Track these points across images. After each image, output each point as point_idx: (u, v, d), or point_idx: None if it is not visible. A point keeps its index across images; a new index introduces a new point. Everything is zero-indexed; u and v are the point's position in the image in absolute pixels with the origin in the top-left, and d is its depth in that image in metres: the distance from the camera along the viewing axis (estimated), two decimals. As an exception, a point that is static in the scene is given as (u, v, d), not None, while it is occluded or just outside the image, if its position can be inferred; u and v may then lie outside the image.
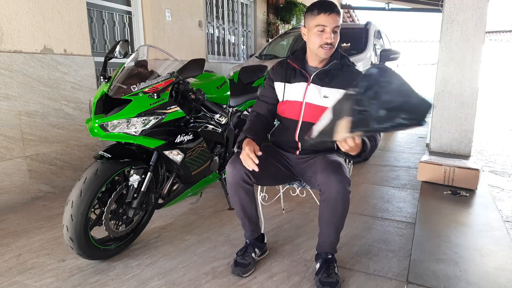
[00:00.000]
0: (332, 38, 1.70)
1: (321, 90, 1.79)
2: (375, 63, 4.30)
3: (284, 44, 5.24)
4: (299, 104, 1.83)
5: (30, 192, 2.94)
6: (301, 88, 1.82)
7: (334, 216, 1.69)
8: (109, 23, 3.82)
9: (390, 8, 10.37)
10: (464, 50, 2.98)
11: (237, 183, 1.73)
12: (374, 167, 3.81)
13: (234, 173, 1.72)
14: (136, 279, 1.83)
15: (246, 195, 1.78)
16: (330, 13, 1.67)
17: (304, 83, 1.82)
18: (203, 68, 2.04)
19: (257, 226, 1.94)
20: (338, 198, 1.63)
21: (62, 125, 3.15)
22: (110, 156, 1.85)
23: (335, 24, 1.69)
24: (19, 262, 2.01)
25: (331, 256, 1.79)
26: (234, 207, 1.85)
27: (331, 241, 1.77)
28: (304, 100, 1.81)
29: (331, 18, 1.68)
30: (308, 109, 1.81)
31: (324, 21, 1.68)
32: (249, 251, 1.90)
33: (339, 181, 1.60)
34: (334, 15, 1.68)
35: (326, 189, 1.64)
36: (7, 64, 2.71)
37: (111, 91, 1.92)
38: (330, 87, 1.79)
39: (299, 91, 1.83)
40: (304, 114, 1.82)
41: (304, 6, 7.71)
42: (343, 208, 1.67)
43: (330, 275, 1.71)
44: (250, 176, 1.72)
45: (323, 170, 1.65)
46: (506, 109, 9.60)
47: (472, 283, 1.42)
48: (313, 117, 1.80)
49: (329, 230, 1.74)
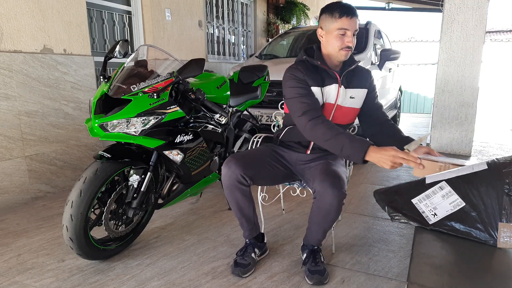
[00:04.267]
0: (351, 41, 1.70)
1: (347, 92, 1.80)
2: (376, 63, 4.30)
3: (284, 44, 5.23)
4: (331, 106, 1.80)
5: (30, 192, 2.94)
6: (333, 90, 1.78)
7: (324, 221, 1.73)
8: (109, 23, 3.82)
9: (390, 8, 10.37)
10: (464, 50, 2.97)
11: (232, 185, 1.73)
12: (374, 167, 3.80)
13: (229, 174, 1.71)
14: (136, 279, 1.83)
15: (242, 196, 1.77)
16: (352, 16, 1.67)
17: (335, 85, 1.77)
18: (203, 68, 2.03)
19: (255, 225, 1.93)
20: (331, 209, 1.66)
21: (62, 125, 3.14)
22: (110, 156, 1.85)
23: (356, 27, 1.69)
24: (19, 262, 2.01)
25: (317, 247, 1.85)
26: (231, 207, 1.86)
27: (317, 238, 1.83)
28: (337, 102, 1.80)
29: (353, 22, 1.67)
30: (338, 111, 1.81)
31: (347, 24, 1.66)
32: (249, 251, 1.90)
33: (335, 195, 1.61)
34: (355, 18, 1.68)
35: (320, 198, 1.66)
36: (7, 64, 2.71)
37: (110, 91, 1.92)
38: (354, 88, 1.81)
39: (332, 94, 1.78)
40: (334, 116, 1.82)
41: (304, 6, 7.70)
42: (334, 216, 1.70)
43: (318, 264, 1.79)
44: (246, 178, 1.72)
45: (321, 180, 1.64)
46: (507, 109, 9.59)
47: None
48: (341, 118, 1.83)
49: (318, 230, 1.79)
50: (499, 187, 1.52)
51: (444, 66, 3.05)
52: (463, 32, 2.96)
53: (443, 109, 3.10)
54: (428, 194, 1.65)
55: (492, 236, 1.51)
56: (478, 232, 1.54)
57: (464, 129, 3.07)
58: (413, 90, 10.56)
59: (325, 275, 1.76)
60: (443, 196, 1.62)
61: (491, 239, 1.51)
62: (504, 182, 1.51)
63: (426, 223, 1.66)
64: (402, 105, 9.36)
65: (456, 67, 3.02)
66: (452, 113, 3.08)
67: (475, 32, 2.92)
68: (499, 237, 1.49)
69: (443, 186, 1.62)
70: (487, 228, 1.52)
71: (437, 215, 1.62)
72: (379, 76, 4.33)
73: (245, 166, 1.71)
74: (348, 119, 1.86)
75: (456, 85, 3.03)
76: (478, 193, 1.55)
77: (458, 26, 2.96)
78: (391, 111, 5.52)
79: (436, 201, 1.63)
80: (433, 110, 3.16)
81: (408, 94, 10.57)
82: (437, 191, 1.63)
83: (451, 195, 1.61)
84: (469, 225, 1.56)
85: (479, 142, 5.42)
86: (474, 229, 1.55)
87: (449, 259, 1.49)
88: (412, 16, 30.59)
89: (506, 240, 1.48)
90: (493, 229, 1.51)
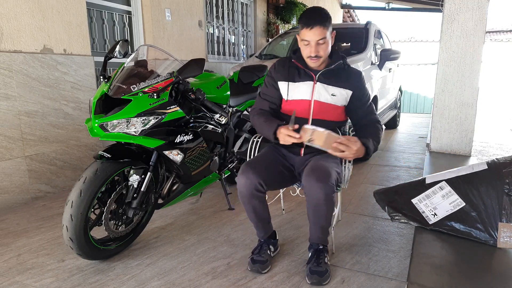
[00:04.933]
0: (317, 51, 1.73)
1: (328, 89, 1.82)
2: (376, 63, 4.30)
3: (284, 44, 5.23)
4: (307, 103, 1.84)
5: (30, 192, 2.94)
6: (308, 86, 1.84)
7: (317, 217, 1.74)
8: (109, 23, 3.81)
9: (390, 8, 10.37)
10: (464, 50, 2.97)
11: (251, 193, 1.75)
12: (374, 167, 3.80)
13: (247, 184, 1.73)
14: (136, 279, 1.83)
15: (259, 202, 1.81)
16: (312, 27, 1.69)
17: (310, 82, 1.84)
18: (203, 68, 2.04)
19: (269, 224, 1.97)
20: (320, 203, 1.67)
21: (62, 125, 3.14)
22: (110, 156, 1.85)
23: (319, 37, 1.70)
24: (19, 262, 2.01)
25: (322, 246, 1.85)
26: (247, 214, 1.87)
27: (317, 236, 1.84)
28: (313, 98, 1.83)
29: (312, 33, 1.69)
30: (318, 107, 1.84)
31: (307, 36, 1.71)
32: (265, 249, 1.93)
33: (320, 188, 1.63)
34: (317, 28, 1.69)
35: (308, 193, 1.69)
36: (7, 64, 2.71)
37: (110, 91, 1.92)
38: (336, 86, 1.83)
39: (306, 90, 1.84)
40: (314, 112, 1.84)
41: (304, 6, 7.71)
42: (326, 210, 1.71)
43: (320, 264, 1.78)
44: (263, 185, 1.75)
45: (307, 175, 1.68)
46: (507, 109, 9.59)
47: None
48: (324, 114, 1.85)
49: (315, 227, 1.81)
50: (499, 187, 1.52)
51: (444, 66, 3.05)
52: (463, 32, 2.95)
53: (443, 109, 3.10)
54: (428, 194, 1.65)
55: (492, 236, 1.51)
56: (478, 232, 1.54)
57: (464, 129, 3.06)
58: (413, 90, 10.57)
59: (325, 277, 1.75)
60: (443, 196, 1.62)
61: (491, 239, 1.51)
62: (504, 182, 1.51)
63: (426, 223, 1.66)
64: (402, 105, 9.35)
65: (456, 67, 3.01)
66: (452, 113, 3.07)
67: (475, 32, 2.92)
68: (499, 237, 1.49)
69: (443, 186, 1.62)
70: (487, 228, 1.52)
71: (437, 215, 1.62)
72: (379, 76, 4.33)
73: (261, 174, 1.74)
74: (332, 116, 1.87)
75: (456, 85, 3.03)
76: (478, 193, 1.55)
77: (458, 26, 2.96)
78: (391, 111, 5.52)
79: (436, 201, 1.63)
80: (433, 110, 3.16)
81: (408, 94, 10.57)
82: (437, 191, 1.63)
83: (451, 195, 1.61)
84: (469, 225, 1.56)
85: (479, 142, 5.41)
86: (474, 229, 1.55)
87: (449, 259, 1.49)
88: (412, 16, 30.60)
89: (506, 240, 1.48)
90: (493, 229, 1.51)
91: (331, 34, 1.77)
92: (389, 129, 6.17)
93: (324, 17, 1.71)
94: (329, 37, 1.76)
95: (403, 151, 4.53)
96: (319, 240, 1.84)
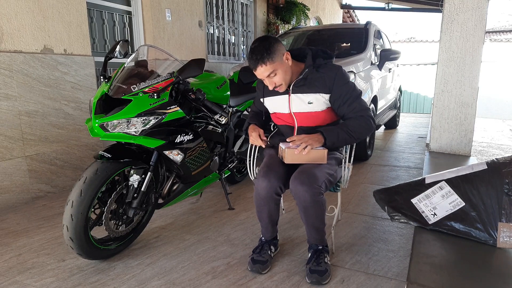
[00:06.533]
0: (273, 83, 1.76)
1: (304, 97, 1.82)
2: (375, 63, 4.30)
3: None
4: (287, 115, 1.89)
5: (30, 192, 2.94)
6: (284, 100, 1.87)
7: (308, 218, 1.75)
8: (109, 23, 3.82)
9: (390, 8, 10.36)
10: (464, 50, 2.97)
11: (270, 196, 1.76)
12: (374, 167, 3.81)
13: (268, 187, 1.74)
14: (136, 279, 1.83)
15: (275, 205, 1.83)
16: (255, 68, 1.72)
17: (285, 95, 1.86)
18: (203, 68, 2.04)
19: (276, 226, 1.99)
20: (307, 206, 1.69)
21: (62, 125, 3.15)
22: (110, 156, 1.85)
23: (266, 74, 1.72)
24: (19, 262, 2.01)
25: (322, 247, 1.86)
26: (258, 215, 1.89)
27: (314, 237, 1.85)
28: (291, 110, 1.86)
29: (258, 73, 1.74)
30: (299, 117, 1.87)
31: (257, 75, 1.76)
32: (266, 249, 1.94)
33: (305, 191, 1.65)
34: (259, 68, 1.70)
35: (295, 196, 1.71)
36: (7, 64, 2.71)
37: (111, 91, 1.92)
38: (312, 93, 1.81)
39: (283, 104, 1.88)
40: (298, 121, 1.87)
41: (304, 6, 7.71)
42: (315, 212, 1.72)
43: (320, 264, 1.79)
44: (283, 188, 1.77)
45: (293, 179, 1.71)
46: (507, 109, 9.60)
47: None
48: (308, 121, 1.87)
49: (310, 229, 1.82)
50: (499, 187, 1.52)
51: (444, 66, 3.05)
52: (463, 32, 2.96)
53: (442, 109, 3.11)
54: (428, 194, 1.66)
55: (492, 236, 1.51)
56: (477, 232, 1.54)
57: (464, 129, 3.07)
58: (413, 90, 10.57)
59: (324, 276, 1.75)
60: (443, 196, 1.63)
61: (491, 239, 1.51)
62: (503, 182, 1.52)
63: (426, 223, 1.66)
64: (402, 105, 9.36)
65: (456, 67, 3.02)
66: (451, 113, 3.08)
67: (475, 32, 2.92)
68: (498, 237, 1.50)
69: (443, 186, 1.62)
70: (487, 228, 1.52)
71: (437, 215, 1.62)
72: (378, 76, 4.33)
73: (282, 177, 1.76)
74: (317, 121, 1.85)
75: (456, 85, 3.03)
76: (477, 193, 1.55)
77: (458, 26, 2.96)
78: (391, 111, 5.53)
79: (435, 201, 1.63)
80: (432, 110, 3.16)
81: (408, 94, 10.57)
82: (437, 191, 1.63)
83: (450, 195, 1.61)
84: (468, 225, 1.56)
85: (479, 142, 5.42)
86: (473, 229, 1.55)
87: (448, 258, 1.50)
88: (412, 16, 30.58)
89: (506, 240, 1.48)
90: (493, 229, 1.51)
91: (281, 60, 1.72)
92: (388, 129, 6.18)
93: (262, 53, 1.67)
94: (280, 65, 1.71)
95: (403, 151, 4.53)
96: (316, 241, 1.86)
